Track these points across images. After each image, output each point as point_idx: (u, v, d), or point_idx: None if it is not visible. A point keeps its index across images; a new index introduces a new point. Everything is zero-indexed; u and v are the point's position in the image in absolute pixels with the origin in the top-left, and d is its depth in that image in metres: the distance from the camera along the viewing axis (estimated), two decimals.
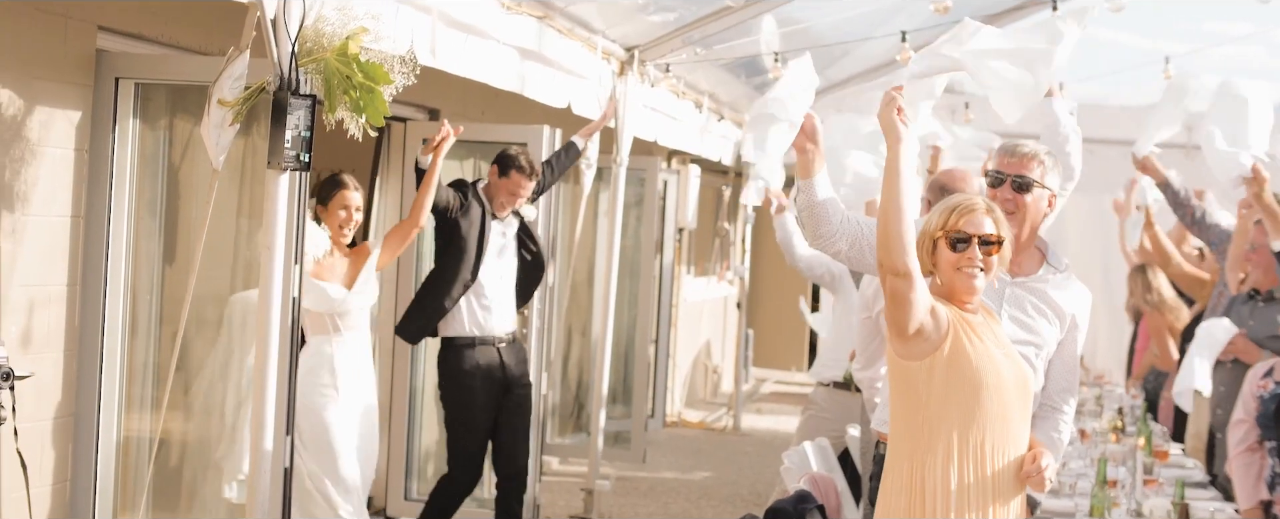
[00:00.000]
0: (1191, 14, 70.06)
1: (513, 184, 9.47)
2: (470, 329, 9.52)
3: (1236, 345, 9.09)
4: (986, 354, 5.35)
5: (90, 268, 6.93)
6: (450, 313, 9.47)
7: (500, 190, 9.52)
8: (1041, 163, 6.09)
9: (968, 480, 5.34)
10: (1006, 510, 5.43)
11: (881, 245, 5.21)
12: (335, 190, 8.45)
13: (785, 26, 11.97)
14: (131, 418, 7.14)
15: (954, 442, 5.33)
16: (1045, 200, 6.09)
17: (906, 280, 5.19)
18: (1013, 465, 5.41)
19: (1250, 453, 8.09)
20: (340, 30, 5.91)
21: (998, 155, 6.22)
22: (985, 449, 5.35)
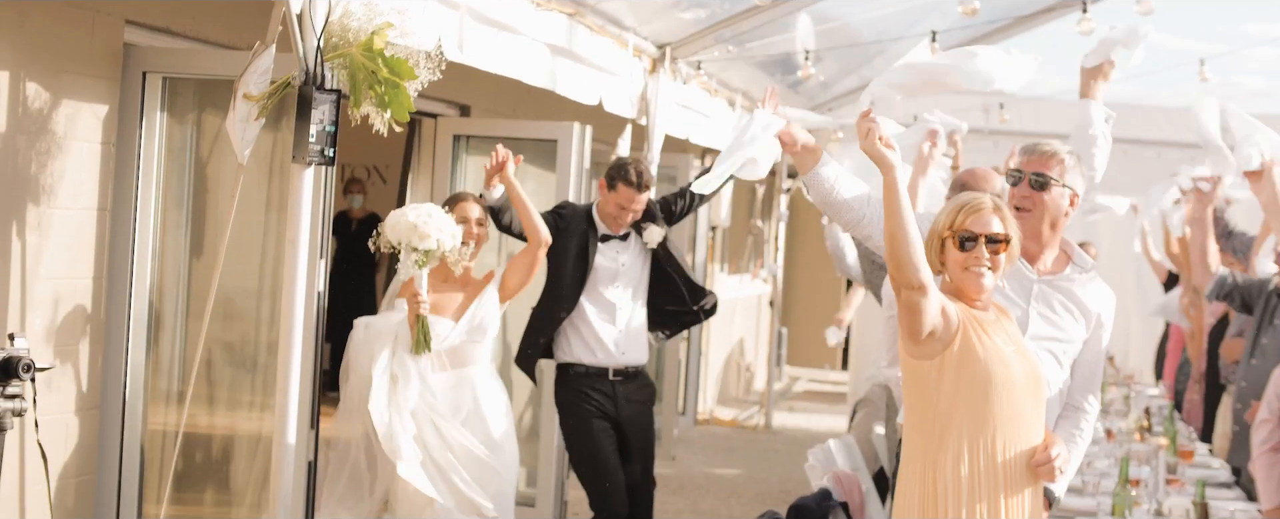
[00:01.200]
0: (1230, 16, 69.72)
1: (621, 198, 8.81)
2: (580, 356, 8.93)
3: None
4: (996, 351, 5.36)
5: (116, 261, 6.96)
6: (561, 340, 8.94)
7: (608, 204, 8.88)
8: (1061, 161, 6.09)
9: (979, 476, 5.35)
10: (1020, 505, 5.42)
11: (892, 265, 5.24)
12: (453, 204, 8.14)
13: (820, 24, 11.96)
14: (156, 411, 7.17)
15: (964, 438, 5.34)
16: (1066, 199, 6.08)
17: (920, 293, 5.23)
18: (1025, 461, 5.41)
19: (1274, 453, 8.04)
20: (366, 25, 5.92)
21: (1019, 154, 6.25)
22: (996, 445, 5.35)
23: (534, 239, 8.31)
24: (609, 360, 8.91)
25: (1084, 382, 6.14)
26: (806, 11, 11.16)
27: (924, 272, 5.23)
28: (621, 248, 8.94)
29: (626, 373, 8.96)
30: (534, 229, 8.29)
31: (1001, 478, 5.38)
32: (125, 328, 6.99)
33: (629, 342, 8.98)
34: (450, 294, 8.12)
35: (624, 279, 8.95)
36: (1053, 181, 6.06)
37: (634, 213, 8.85)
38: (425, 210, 7.71)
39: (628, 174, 8.77)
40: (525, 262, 8.32)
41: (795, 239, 21.02)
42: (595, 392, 8.90)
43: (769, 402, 17.76)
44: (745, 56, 12.25)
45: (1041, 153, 6.12)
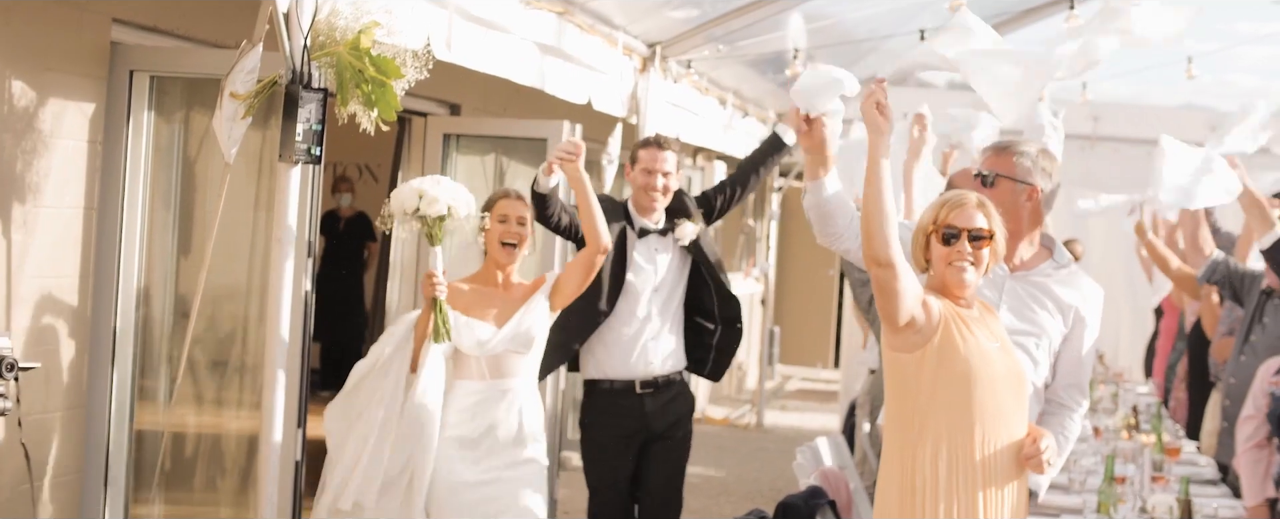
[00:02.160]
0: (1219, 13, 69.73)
1: (645, 162, 8.23)
2: (605, 370, 8.29)
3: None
4: (978, 348, 5.39)
5: (102, 260, 6.95)
6: (586, 351, 8.30)
7: (637, 179, 8.28)
8: (1012, 157, 6.15)
9: (958, 472, 5.38)
10: (999, 502, 5.44)
11: (864, 236, 5.29)
12: (494, 200, 7.37)
13: (811, 23, 11.96)
14: (144, 410, 7.16)
15: (943, 433, 5.37)
16: (1022, 195, 6.12)
17: (889, 271, 5.26)
18: (1005, 458, 5.43)
19: (1259, 449, 8.07)
20: (353, 24, 5.93)
21: (983, 153, 6.31)
22: (975, 442, 5.38)
23: (593, 243, 7.40)
24: (635, 372, 8.27)
25: (1069, 378, 6.16)
26: (798, 10, 11.16)
27: (894, 248, 5.26)
28: (660, 246, 8.33)
29: (656, 384, 8.30)
30: (595, 233, 7.39)
31: (980, 475, 5.40)
32: (112, 327, 6.98)
33: (661, 350, 8.32)
34: (493, 297, 7.37)
35: (661, 281, 8.32)
36: (1001, 177, 6.11)
37: (663, 177, 8.19)
38: (432, 178, 7.18)
39: (646, 139, 8.38)
40: (582, 268, 7.44)
41: (787, 238, 21.02)
42: (620, 411, 8.28)
43: (761, 400, 17.77)
44: (736, 55, 12.25)
45: (996, 150, 6.21)
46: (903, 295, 5.31)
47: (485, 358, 7.25)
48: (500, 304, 7.34)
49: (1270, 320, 9.01)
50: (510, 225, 7.30)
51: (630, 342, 8.27)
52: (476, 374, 7.25)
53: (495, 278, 7.38)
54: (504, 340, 7.24)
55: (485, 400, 7.24)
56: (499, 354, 7.26)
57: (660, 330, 8.32)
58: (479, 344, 7.22)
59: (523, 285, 7.43)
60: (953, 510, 5.38)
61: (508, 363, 7.29)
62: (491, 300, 7.34)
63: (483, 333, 7.22)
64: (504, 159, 10.41)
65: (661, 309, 8.32)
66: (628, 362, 8.27)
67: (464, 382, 7.25)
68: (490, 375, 7.27)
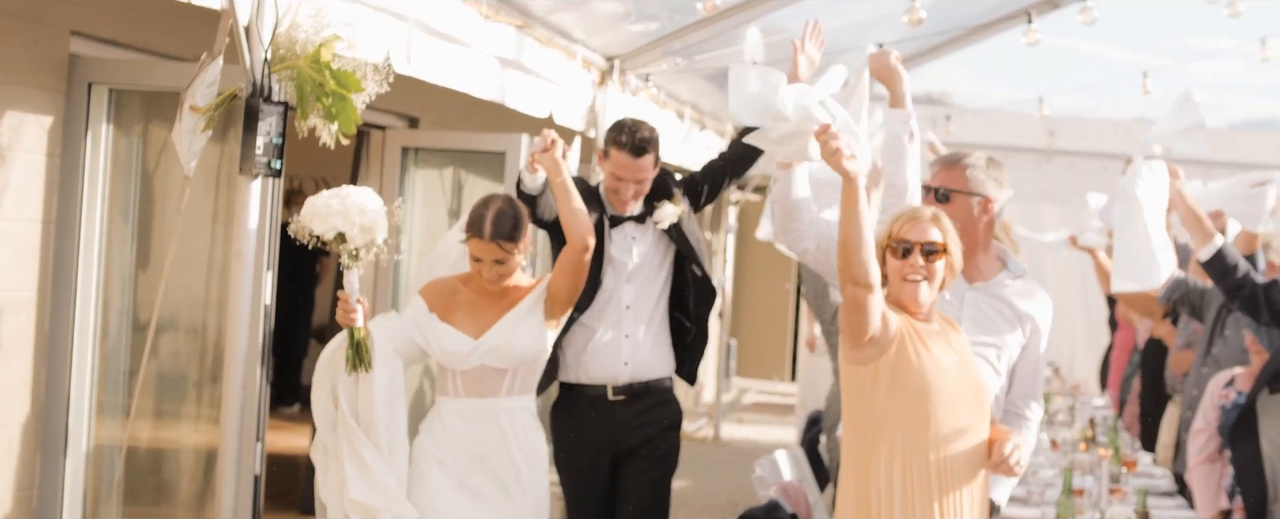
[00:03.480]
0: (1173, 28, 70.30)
1: (615, 166, 7.42)
2: (576, 373, 7.53)
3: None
4: (934, 363, 5.42)
5: (61, 273, 6.92)
6: (559, 350, 7.51)
7: (607, 178, 7.54)
8: (964, 170, 6.20)
9: (913, 485, 5.41)
10: (957, 514, 5.46)
11: (843, 262, 5.32)
12: (467, 232, 6.71)
13: (769, 37, 11.97)
14: (102, 424, 7.13)
15: (897, 446, 5.41)
16: (977, 206, 6.17)
17: (867, 292, 5.29)
18: (963, 472, 5.46)
19: (1210, 462, 8.13)
20: (314, 37, 5.92)
21: (933, 167, 6.36)
22: (930, 456, 5.41)
23: (573, 241, 6.70)
24: (608, 376, 7.49)
25: (1025, 387, 6.21)
26: (755, 24, 11.17)
27: (874, 272, 5.30)
28: (638, 233, 7.53)
29: (632, 390, 7.49)
30: (574, 228, 6.68)
31: (936, 487, 5.43)
32: (70, 341, 6.95)
33: (639, 352, 7.52)
34: (480, 302, 6.72)
35: (636, 271, 7.53)
36: (955, 192, 6.16)
37: (635, 186, 7.41)
38: (340, 192, 6.37)
39: (619, 136, 7.42)
40: (569, 271, 6.74)
41: (744, 251, 21.05)
42: (589, 419, 7.52)
43: (718, 413, 17.78)
44: (694, 69, 12.26)
45: (946, 164, 6.25)
46: (872, 314, 5.35)
47: (460, 373, 6.66)
48: (487, 311, 6.69)
49: (1232, 333, 9.07)
50: (485, 267, 6.62)
51: (604, 341, 7.49)
52: (453, 390, 6.71)
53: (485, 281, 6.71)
54: (481, 354, 6.60)
55: (464, 422, 6.66)
56: (477, 369, 6.63)
57: (638, 328, 7.51)
58: (451, 356, 6.61)
59: (519, 289, 6.76)
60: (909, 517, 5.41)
61: (488, 380, 6.66)
62: (478, 306, 6.69)
63: (457, 343, 6.60)
64: (463, 173, 10.39)
65: (638, 304, 7.52)
66: (600, 364, 7.49)
67: (443, 399, 6.74)
68: (466, 393, 6.67)
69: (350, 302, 6.48)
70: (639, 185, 7.44)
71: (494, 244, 6.53)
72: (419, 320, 6.68)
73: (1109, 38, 63.26)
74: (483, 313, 6.66)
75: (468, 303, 6.70)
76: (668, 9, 10.30)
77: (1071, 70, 48.83)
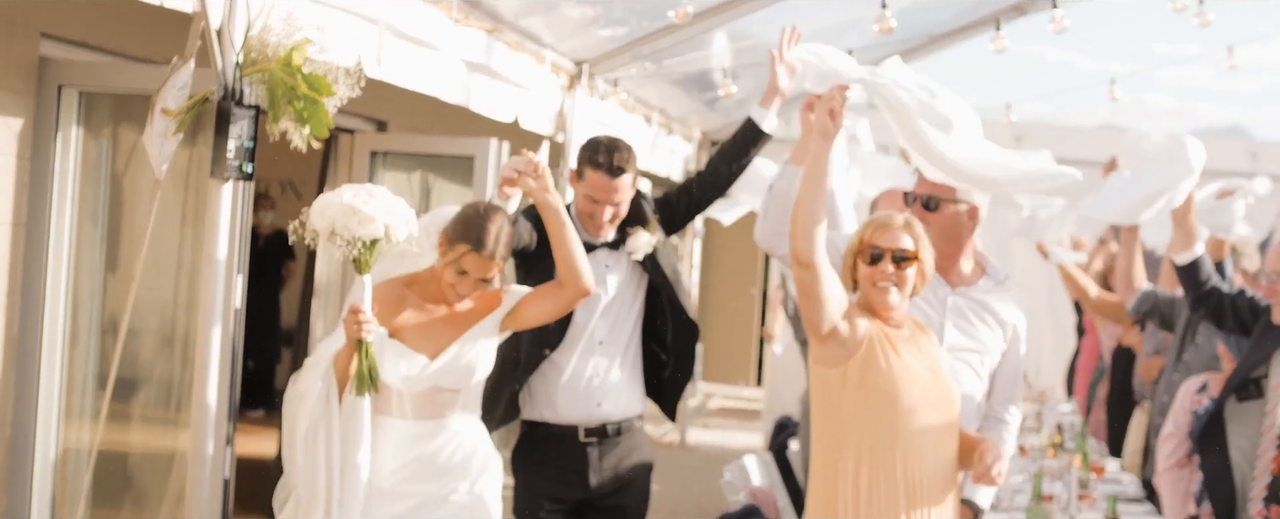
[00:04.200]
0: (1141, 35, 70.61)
1: (590, 188, 6.81)
2: (543, 411, 6.91)
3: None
4: (904, 369, 5.43)
5: (30, 276, 6.90)
6: (525, 387, 6.93)
7: (580, 200, 6.91)
8: None
9: (879, 490, 5.42)
10: None
11: (793, 233, 5.36)
12: (458, 242, 6.00)
13: (737, 42, 11.99)
14: (70, 428, 7.11)
15: (863, 450, 5.42)
16: (965, 215, 6.19)
17: (811, 273, 5.32)
18: (931, 478, 5.47)
19: (1179, 468, 8.16)
20: (285, 40, 5.90)
21: (916, 175, 6.36)
22: (896, 460, 5.42)
23: (573, 284, 6.15)
24: (581, 417, 6.88)
25: (1004, 393, 6.23)
26: (723, 29, 11.19)
27: (818, 252, 5.33)
28: (612, 262, 6.94)
29: (603, 432, 6.90)
30: (574, 273, 6.13)
31: (903, 494, 5.44)
32: (39, 344, 6.93)
33: (613, 391, 6.93)
34: (432, 316, 6.12)
35: (610, 305, 6.93)
36: (944, 201, 6.17)
37: (612, 207, 6.80)
38: (365, 189, 5.89)
39: (595, 155, 6.82)
40: (555, 307, 6.22)
41: (710, 256, 21.04)
42: (557, 462, 6.91)
43: (684, 418, 17.78)
44: (662, 74, 12.27)
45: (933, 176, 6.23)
46: (825, 301, 5.36)
47: (408, 394, 6.04)
48: (440, 327, 6.09)
49: (1203, 339, 9.10)
50: (468, 280, 6.00)
51: (574, 378, 6.88)
52: (397, 411, 6.05)
53: (441, 291, 6.11)
54: (435, 375, 6.02)
55: (414, 445, 6.07)
56: (429, 390, 6.04)
57: (612, 364, 6.91)
58: (404, 379, 5.99)
59: (469, 306, 6.16)
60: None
61: (439, 401, 6.08)
62: (430, 320, 6.09)
63: (411, 365, 5.98)
64: (431, 176, 10.39)
65: (612, 339, 6.93)
66: (572, 404, 6.88)
67: (384, 418, 6.04)
68: (414, 415, 6.05)
69: (363, 313, 5.84)
70: (616, 208, 6.83)
71: (490, 262, 5.95)
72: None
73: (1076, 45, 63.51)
74: (435, 327, 6.06)
75: (416, 313, 6.09)
76: (636, 14, 10.31)
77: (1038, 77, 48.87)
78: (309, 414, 5.89)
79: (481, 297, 6.11)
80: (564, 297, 6.16)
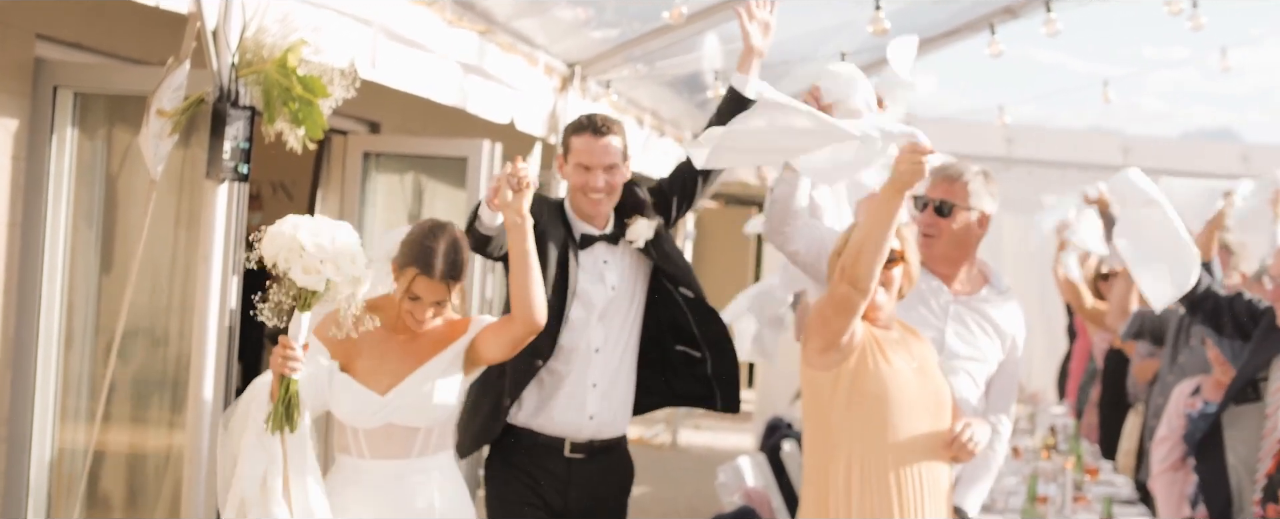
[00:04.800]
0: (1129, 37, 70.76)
1: (580, 155, 6.31)
2: (533, 421, 6.41)
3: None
4: (894, 371, 5.45)
5: (26, 277, 6.89)
6: (515, 403, 6.43)
7: (572, 177, 6.38)
8: (965, 185, 6.18)
9: (871, 491, 5.43)
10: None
11: (853, 257, 5.26)
12: (409, 266, 5.56)
13: (728, 44, 12.00)
14: (66, 428, 7.10)
15: (855, 453, 5.44)
16: (975, 221, 6.17)
17: (862, 296, 5.29)
18: (923, 480, 5.47)
19: (1173, 471, 8.18)
20: (281, 42, 5.91)
21: (929, 178, 6.29)
22: (888, 462, 5.43)
23: (524, 319, 5.61)
24: (570, 430, 6.40)
25: (997, 402, 6.23)
26: (714, 31, 11.19)
27: (875, 282, 5.29)
28: (610, 256, 6.43)
29: (592, 448, 6.45)
30: (527, 305, 5.59)
31: (896, 496, 5.44)
32: (34, 345, 6.92)
33: (606, 405, 6.45)
34: (389, 344, 5.65)
35: (613, 308, 6.44)
36: (957, 207, 6.15)
37: (604, 173, 6.28)
38: (326, 229, 5.31)
39: (578, 121, 6.40)
40: (506, 343, 5.69)
41: (702, 258, 21.03)
42: (535, 475, 6.42)
43: (675, 419, 17.79)
44: (654, 76, 12.28)
45: (946, 177, 6.20)
46: (854, 320, 5.36)
47: (362, 431, 5.57)
48: (396, 358, 5.62)
49: (1197, 343, 9.12)
50: (422, 305, 5.56)
51: (568, 390, 6.40)
52: (355, 450, 5.60)
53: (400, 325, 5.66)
54: (389, 411, 5.54)
55: (371, 488, 5.58)
56: (384, 428, 5.56)
57: (605, 376, 6.44)
58: (354, 414, 5.53)
59: (438, 330, 5.71)
60: None
61: (397, 439, 5.58)
62: (384, 350, 5.60)
63: (360, 400, 5.51)
64: (423, 178, 10.40)
65: (609, 347, 6.45)
66: (563, 416, 6.41)
67: (343, 456, 5.65)
68: (371, 453, 5.57)
69: (293, 348, 5.34)
70: (609, 174, 6.28)
71: (443, 284, 5.52)
72: (322, 366, 5.58)
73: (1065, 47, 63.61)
74: (390, 359, 5.59)
75: (371, 345, 5.58)
76: (628, 16, 10.31)
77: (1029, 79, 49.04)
78: (246, 454, 5.33)
79: (447, 324, 5.68)
80: (513, 332, 5.63)
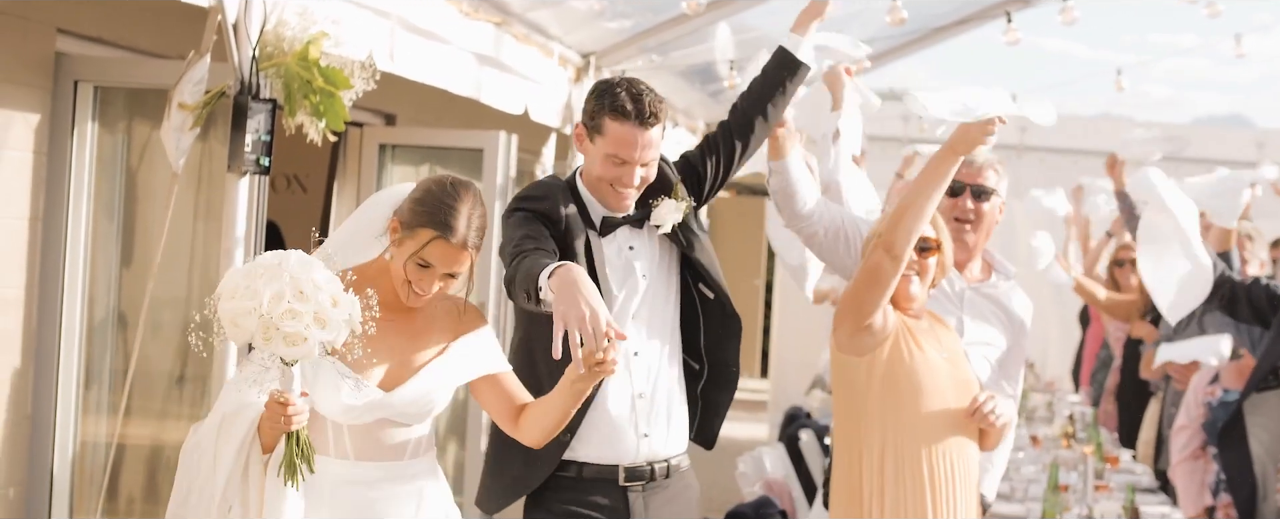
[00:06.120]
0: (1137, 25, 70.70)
1: (614, 144, 5.15)
2: (575, 449, 5.26)
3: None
4: (925, 359, 5.45)
5: (47, 271, 6.92)
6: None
7: (595, 164, 5.26)
8: (994, 170, 6.19)
9: (904, 479, 5.42)
10: (950, 510, 5.49)
11: (895, 224, 5.24)
12: (425, 227, 4.58)
13: (740, 34, 12.01)
14: (88, 421, 7.13)
15: (888, 440, 5.43)
16: (998, 208, 6.19)
17: (895, 265, 5.28)
18: (954, 468, 5.48)
19: (1194, 460, 8.17)
20: (300, 35, 5.94)
21: None
22: (920, 450, 5.43)
23: (532, 438, 4.76)
24: (620, 453, 5.27)
25: (1007, 371, 6.24)
26: (726, 21, 11.20)
27: (910, 249, 5.29)
28: (637, 243, 5.37)
29: (650, 474, 5.34)
30: (547, 433, 4.72)
31: (927, 481, 5.45)
32: (56, 338, 6.95)
33: (658, 418, 5.34)
34: (387, 326, 4.55)
35: (646, 304, 5.34)
36: (992, 192, 6.16)
37: (642, 169, 5.20)
38: (291, 282, 4.19)
39: (619, 101, 5.15)
40: (493, 416, 4.89)
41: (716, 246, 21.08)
42: (592, 511, 5.28)
43: None
44: (668, 66, 12.28)
45: (978, 164, 6.20)
46: (887, 291, 5.35)
47: (348, 429, 4.65)
48: (397, 343, 4.68)
49: (1214, 330, 9.12)
50: (431, 275, 4.62)
51: (609, 406, 5.27)
52: (336, 449, 4.64)
53: (393, 291, 4.68)
54: (390, 408, 4.64)
55: (354, 489, 4.67)
56: (376, 423, 4.66)
57: (652, 383, 5.33)
58: (346, 410, 4.58)
59: (438, 311, 4.81)
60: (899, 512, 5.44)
61: (385, 438, 4.69)
62: (384, 331, 4.50)
63: (356, 396, 4.55)
64: (439, 169, 10.39)
65: (649, 349, 5.34)
66: (608, 437, 5.27)
67: (319, 456, 4.52)
68: (355, 454, 4.65)
69: (291, 403, 4.30)
70: (646, 169, 5.24)
71: (464, 251, 4.62)
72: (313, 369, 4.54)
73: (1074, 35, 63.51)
74: (385, 343, 4.59)
75: (372, 339, 4.44)
76: (642, 7, 10.32)
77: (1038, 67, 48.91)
78: (218, 488, 4.40)
79: (448, 306, 4.82)
80: (506, 426, 4.81)
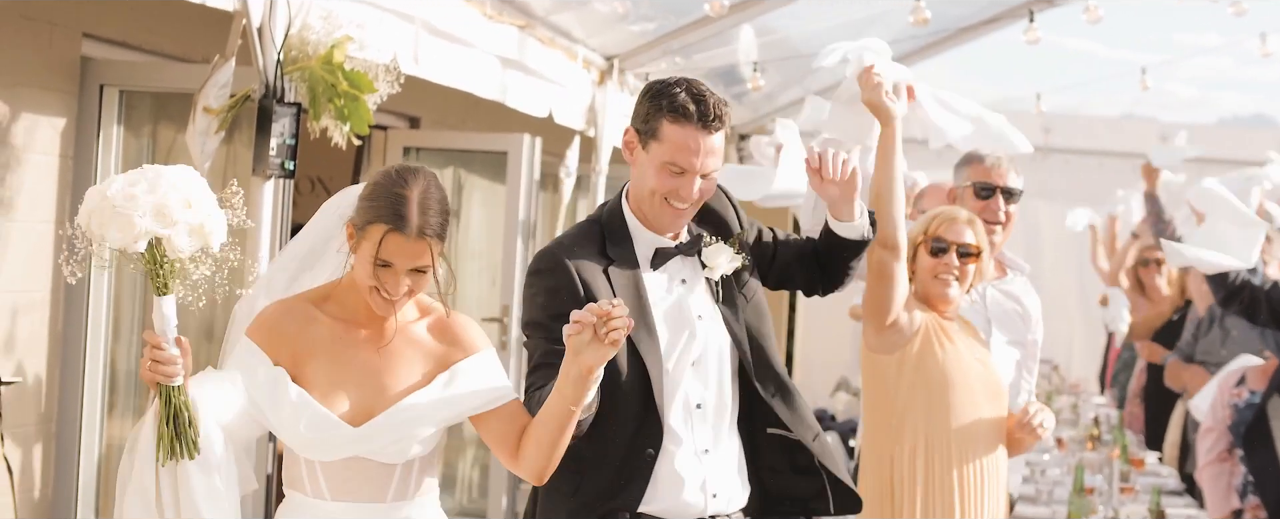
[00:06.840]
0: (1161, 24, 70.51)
1: (672, 149, 4.39)
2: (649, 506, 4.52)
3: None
4: (957, 357, 5.47)
5: None
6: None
7: (650, 174, 4.47)
8: (1015, 170, 6.24)
9: (934, 477, 5.44)
10: (978, 507, 5.50)
11: (881, 218, 5.24)
12: (373, 223, 3.97)
13: (763, 36, 12.00)
14: (114, 424, 7.15)
15: (919, 436, 5.45)
16: (1015, 207, 6.24)
17: (893, 254, 5.31)
18: (983, 466, 5.49)
19: (1220, 462, 8.13)
20: (325, 38, 5.95)
21: (976, 168, 6.27)
22: (951, 448, 5.44)
23: (533, 473, 4.01)
24: (686, 511, 4.56)
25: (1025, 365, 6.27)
26: (749, 24, 11.20)
27: (902, 233, 5.31)
28: (687, 272, 4.63)
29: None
30: (548, 464, 4.00)
31: (956, 480, 5.46)
32: (83, 341, 6.97)
33: (726, 473, 4.62)
34: (359, 346, 4.08)
35: (704, 335, 4.59)
36: (1020, 193, 6.21)
37: (703, 179, 4.43)
38: (148, 174, 3.97)
39: (677, 102, 4.40)
40: (503, 449, 4.08)
41: None
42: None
43: None
44: (692, 68, 12.28)
45: (997, 167, 6.22)
46: (897, 285, 5.36)
47: (320, 464, 4.05)
48: (367, 362, 4.07)
49: (1238, 332, 9.10)
50: (394, 274, 3.97)
51: (676, 460, 4.54)
52: (312, 488, 4.07)
53: (367, 306, 4.05)
54: (359, 446, 4.02)
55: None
56: (352, 461, 4.03)
57: (717, 437, 4.61)
58: (313, 443, 4.00)
59: (426, 331, 4.15)
60: (930, 510, 5.45)
61: (366, 476, 4.05)
62: (349, 350, 4.06)
63: (324, 428, 3.97)
64: (463, 172, 10.42)
65: (712, 390, 4.60)
66: (675, 492, 4.54)
67: (296, 494, 4.11)
68: (331, 494, 4.04)
69: (164, 347, 3.98)
70: (707, 179, 4.48)
71: (422, 242, 3.95)
72: (259, 378, 4.07)
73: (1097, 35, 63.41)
74: (355, 366, 4.06)
75: (327, 343, 4.06)
76: (665, 9, 10.33)
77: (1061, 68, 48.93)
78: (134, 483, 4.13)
79: (433, 323, 4.15)
80: (506, 459, 4.11)
